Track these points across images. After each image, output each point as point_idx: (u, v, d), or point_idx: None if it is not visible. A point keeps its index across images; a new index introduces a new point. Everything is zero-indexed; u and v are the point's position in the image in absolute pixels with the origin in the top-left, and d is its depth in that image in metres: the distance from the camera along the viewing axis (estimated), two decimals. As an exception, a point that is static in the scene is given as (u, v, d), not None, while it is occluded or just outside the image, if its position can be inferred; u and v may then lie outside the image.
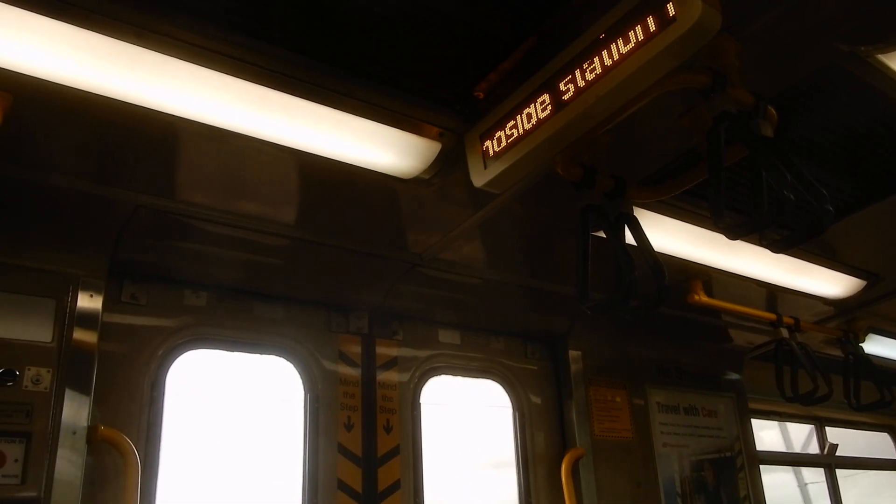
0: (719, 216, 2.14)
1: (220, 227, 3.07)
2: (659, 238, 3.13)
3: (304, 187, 2.96)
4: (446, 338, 4.16)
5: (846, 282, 4.41)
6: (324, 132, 2.58)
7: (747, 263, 3.97)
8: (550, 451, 4.28)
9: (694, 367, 5.11)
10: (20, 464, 2.53)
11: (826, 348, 5.24)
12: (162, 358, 3.23)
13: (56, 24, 2.02)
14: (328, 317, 3.77)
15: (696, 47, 1.93)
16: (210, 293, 3.44)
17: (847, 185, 3.39)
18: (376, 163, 2.78)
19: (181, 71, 2.23)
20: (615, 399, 4.55)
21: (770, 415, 6.19)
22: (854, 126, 2.94)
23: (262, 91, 2.36)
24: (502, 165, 2.43)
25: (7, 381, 2.57)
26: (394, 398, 3.82)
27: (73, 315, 2.81)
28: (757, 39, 2.26)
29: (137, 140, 2.53)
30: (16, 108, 2.27)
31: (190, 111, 2.40)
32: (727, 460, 5.02)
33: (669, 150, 2.86)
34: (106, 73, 2.20)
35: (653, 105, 2.32)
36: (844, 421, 6.77)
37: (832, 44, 2.36)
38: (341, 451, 3.55)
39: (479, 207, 3.13)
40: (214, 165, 2.73)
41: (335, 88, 2.42)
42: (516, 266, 3.87)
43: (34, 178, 2.62)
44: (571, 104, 2.18)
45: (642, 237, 2.46)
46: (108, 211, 2.86)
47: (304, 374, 3.62)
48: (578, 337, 4.50)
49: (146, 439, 3.07)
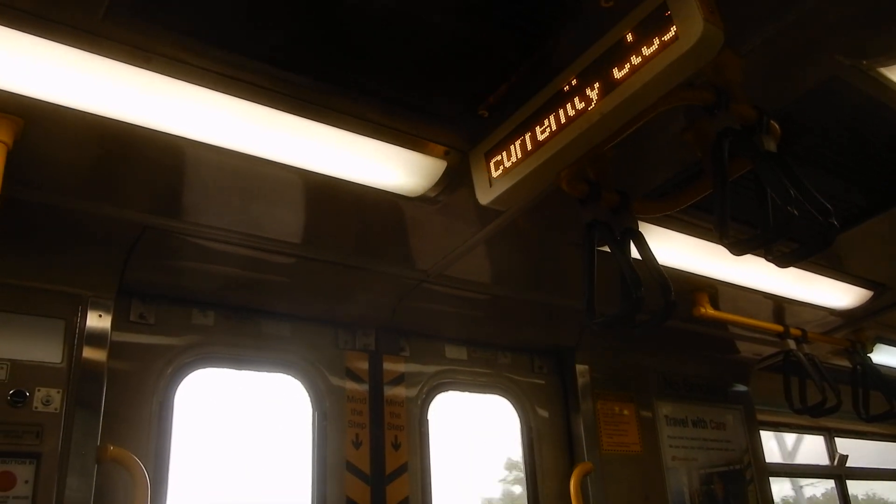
0: (724, 231, 2.15)
1: (227, 246, 3.09)
2: (664, 251, 3.14)
3: (310, 206, 2.98)
4: (453, 353, 4.16)
5: (853, 292, 4.40)
6: (330, 152, 2.60)
7: (753, 275, 3.97)
8: (559, 465, 4.26)
9: (701, 380, 5.10)
10: (30, 485, 2.54)
11: (834, 359, 5.22)
12: (170, 377, 3.24)
13: (66, 49, 2.04)
14: (335, 334, 3.78)
15: (699, 65, 1.95)
16: (217, 312, 3.46)
17: (853, 196, 3.39)
18: (382, 181, 2.79)
19: (188, 93, 2.26)
20: (623, 412, 4.54)
21: (779, 426, 6.16)
22: (860, 136, 2.94)
23: (268, 112, 2.38)
24: (507, 183, 2.45)
25: (17, 403, 2.58)
26: (401, 414, 3.82)
27: (83, 335, 2.83)
28: (759, 54, 2.28)
29: (146, 161, 2.55)
30: (26, 132, 2.30)
31: (197, 133, 2.43)
32: (736, 473, 4.99)
33: (673, 164, 2.88)
34: (115, 96, 2.23)
35: (656, 120, 2.33)
36: (854, 431, 6.73)
37: (834, 57, 2.38)
38: (349, 469, 3.55)
39: (484, 224, 3.14)
40: (221, 186, 2.75)
41: (341, 108, 2.44)
42: (522, 281, 3.88)
43: (44, 200, 2.65)
44: (576, 122, 2.20)
45: (648, 252, 2.47)
46: (117, 232, 2.88)
47: (312, 391, 3.63)
48: (585, 351, 4.49)
49: (154, 458, 3.08)
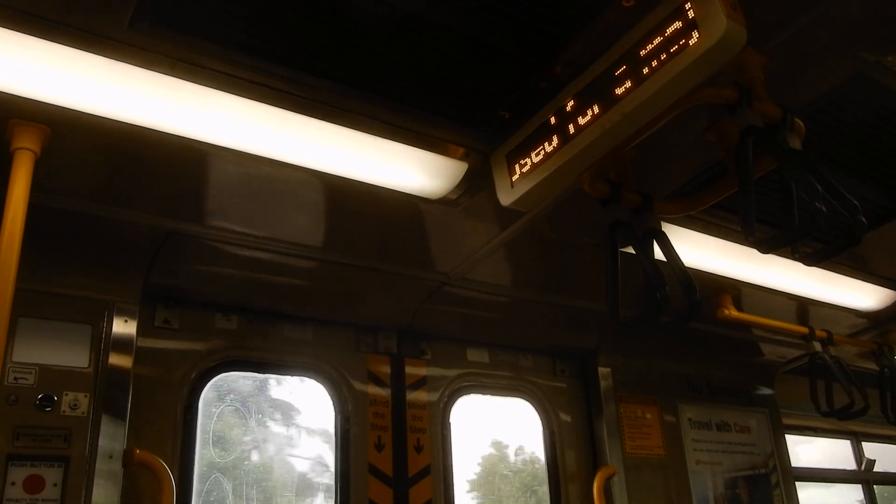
0: (750, 230, 2.13)
1: (249, 250, 3.12)
2: (687, 253, 3.11)
3: (331, 210, 3.00)
4: (475, 356, 4.16)
5: (879, 293, 4.34)
6: (351, 155, 2.61)
7: (778, 277, 3.93)
8: (582, 469, 4.24)
9: (725, 383, 5.05)
10: (59, 488, 2.57)
11: (860, 361, 5.14)
12: (195, 381, 3.27)
13: (91, 57, 2.08)
14: (357, 337, 3.79)
15: (721, 63, 1.94)
16: (240, 316, 3.48)
17: (878, 196, 3.34)
18: (403, 184, 2.80)
19: (211, 99, 2.28)
20: (646, 416, 4.50)
21: (805, 430, 6.08)
22: (884, 135, 2.91)
23: (289, 116, 2.40)
24: (529, 184, 2.44)
25: (46, 407, 2.62)
26: (424, 417, 3.82)
27: (109, 340, 2.86)
28: (782, 51, 2.26)
29: (169, 167, 2.58)
30: (53, 140, 2.34)
31: (219, 138, 2.45)
32: (762, 477, 4.93)
33: (695, 164, 2.86)
34: (138, 102, 2.26)
35: (678, 120, 2.32)
36: (882, 436, 6.63)
37: (857, 54, 2.35)
38: (372, 472, 3.55)
39: (506, 226, 3.14)
40: (244, 191, 2.77)
41: (361, 111, 2.45)
42: (544, 283, 3.87)
43: (70, 206, 2.69)
44: (597, 122, 2.19)
45: (671, 252, 2.45)
46: (141, 237, 2.92)
47: (335, 394, 3.64)
48: (608, 353, 4.47)
49: (180, 462, 3.10)
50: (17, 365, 2.64)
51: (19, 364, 2.64)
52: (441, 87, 2.43)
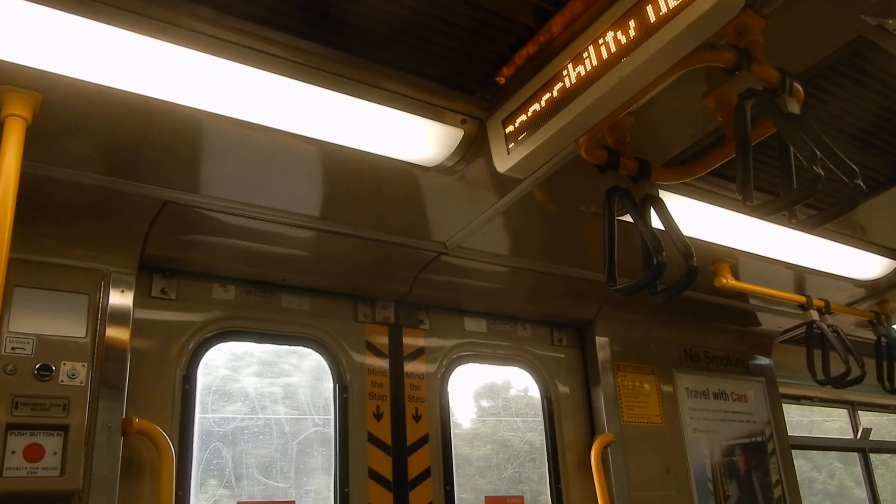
0: (748, 195, 2.12)
1: (246, 220, 3.11)
2: (685, 221, 3.11)
3: (328, 178, 2.98)
4: (472, 326, 4.17)
5: (877, 262, 4.33)
6: (346, 122, 2.59)
7: (775, 245, 3.92)
8: (579, 437, 4.28)
9: (722, 352, 5.07)
10: (59, 456, 2.58)
11: (857, 330, 5.17)
12: (192, 351, 3.28)
13: (81, 22, 2.04)
14: (355, 307, 3.80)
15: (719, 24, 1.91)
16: (238, 286, 3.49)
17: (877, 163, 3.32)
18: (399, 152, 2.78)
19: (205, 65, 2.25)
20: (643, 385, 4.53)
21: (801, 399, 6.12)
22: (884, 102, 2.88)
23: (285, 82, 2.37)
24: (525, 150, 2.42)
25: (44, 376, 2.62)
26: (422, 387, 3.84)
27: (106, 311, 2.86)
28: (781, 14, 2.23)
29: (164, 135, 2.56)
30: (45, 108, 2.31)
31: (214, 105, 2.43)
32: (758, 445, 4.98)
33: (694, 131, 2.83)
34: (131, 68, 2.23)
35: (676, 85, 2.29)
36: (878, 405, 6.68)
37: (858, 17, 2.32)
38: (371, 440, 3.58)
39: (502, 194, 3.12)
40: (240, 159, 2.76)
41: (357, 78, 2.43)
42: (541, 253, 3.86)
43: (64, 176, 2.67)
44: (594, 86, 2.17)
45: (669, 218, 2.45)
46: (137, 207, 2.90)
47: (333, 364, 3.66)
48: (605, 323, 4.48)
49: (179, 431, 3.12)
50: (14, 335, 2.63)
51: (16, 334, 2.64)
52: (436, 54, 2.40)
